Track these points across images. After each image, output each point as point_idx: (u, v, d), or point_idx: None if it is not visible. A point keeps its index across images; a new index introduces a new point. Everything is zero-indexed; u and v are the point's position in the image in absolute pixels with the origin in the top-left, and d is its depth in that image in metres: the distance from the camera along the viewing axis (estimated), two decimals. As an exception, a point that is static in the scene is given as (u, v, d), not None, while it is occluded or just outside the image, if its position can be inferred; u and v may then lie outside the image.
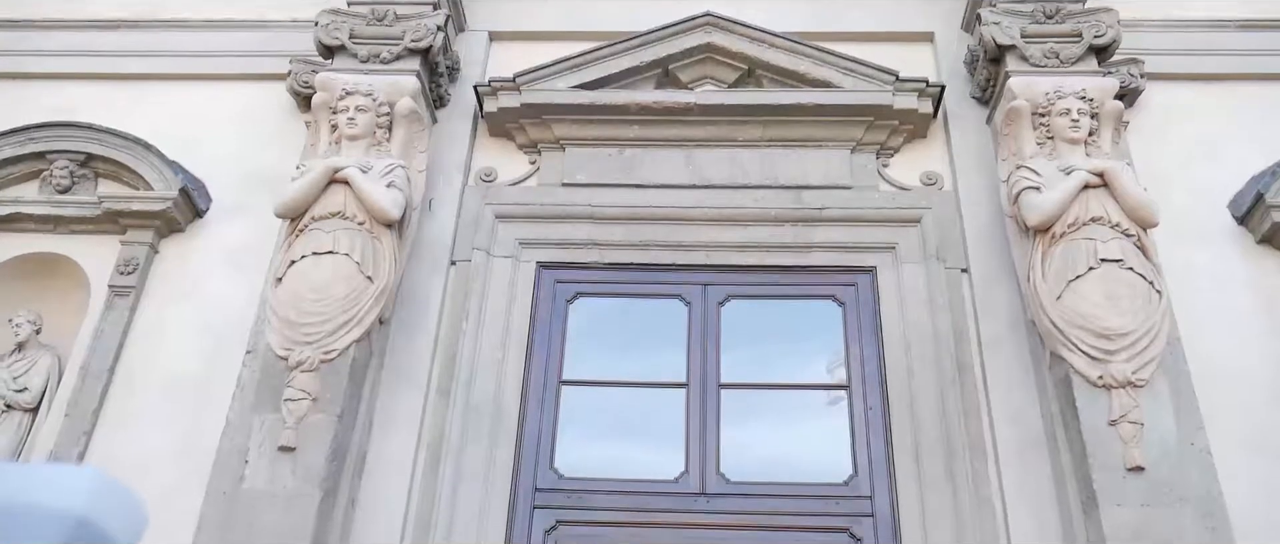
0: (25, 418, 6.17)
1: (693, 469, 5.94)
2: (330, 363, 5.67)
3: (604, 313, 6.71)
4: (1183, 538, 5.03)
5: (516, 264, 6.60)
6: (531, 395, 6.18)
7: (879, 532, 5.67)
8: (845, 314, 6.44)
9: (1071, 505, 5.34)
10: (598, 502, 5.86)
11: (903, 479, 5.72)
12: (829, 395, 6.45)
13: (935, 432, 5.80)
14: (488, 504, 5.72)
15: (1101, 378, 5.38)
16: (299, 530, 5.22)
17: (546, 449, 6.04)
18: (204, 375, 6.12)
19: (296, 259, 5.94)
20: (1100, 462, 5.21)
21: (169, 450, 5.84)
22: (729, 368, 6.31)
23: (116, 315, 6.34)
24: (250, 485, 5.40)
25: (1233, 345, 5.96)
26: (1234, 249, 6.35)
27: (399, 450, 5.82)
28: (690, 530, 5.74)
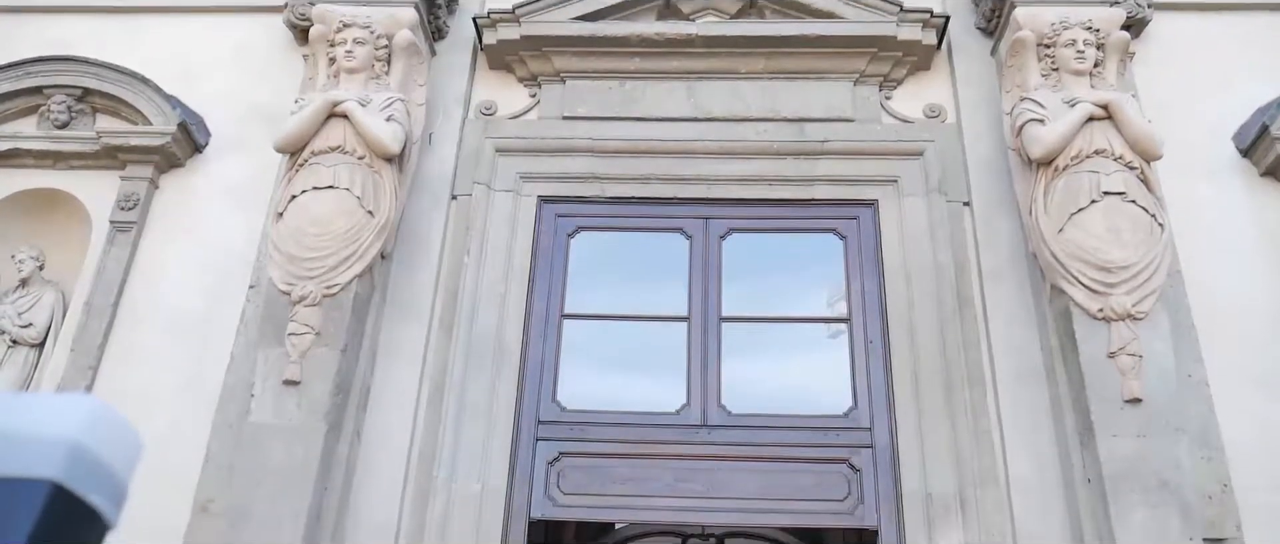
0: (31, 353, 6.21)
1: (694, 401, 6.00)
2: (333, 297, 5.69)
3: (605, 247, 6.71)
4: (1178, 468, 5.09)
5: (517, 198, 6.59)
6: (533, 329, 6.22)
7: (878, 462, 5.74)
8: (846, 248, 6.44)
9: (1068, 436, 5.40)
10: (600, 434, 5.92)
11: (902, 411, 5.78)
12: (829, 328, 6.49)
13: (935, 364, 5.84)
14: (491, 436, 5.79)
15: (1101, 311, 5.40)
16: (305, 463, 5.29)
17: (549, 382, 6.09)
18: (207, 310, 6.15)
19: (297, 194, 5.93)
20: (1098, 393, 5.26)
21: (174, 384, 5.89)
22: (730, 301, 6.33)
23: (118, 251, 6.35)
24: (256, 419, 5.45)
25: (1234, 278, 5.97)
26: (1237, 182, 6.33)
27: (402, 384, 5.87)
28: (692, 462, 5.81)
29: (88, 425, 0.49)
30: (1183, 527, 4.95)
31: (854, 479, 5.74)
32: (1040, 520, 5.35)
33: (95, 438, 0.49)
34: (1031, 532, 5.32)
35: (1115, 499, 5.01)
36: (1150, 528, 4.94)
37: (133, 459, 0.51)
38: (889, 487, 5.65)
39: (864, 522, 5.69)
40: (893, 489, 5.63)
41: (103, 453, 0.49)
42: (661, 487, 5.78)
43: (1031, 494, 5.41)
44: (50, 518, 0.46)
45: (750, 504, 5.79)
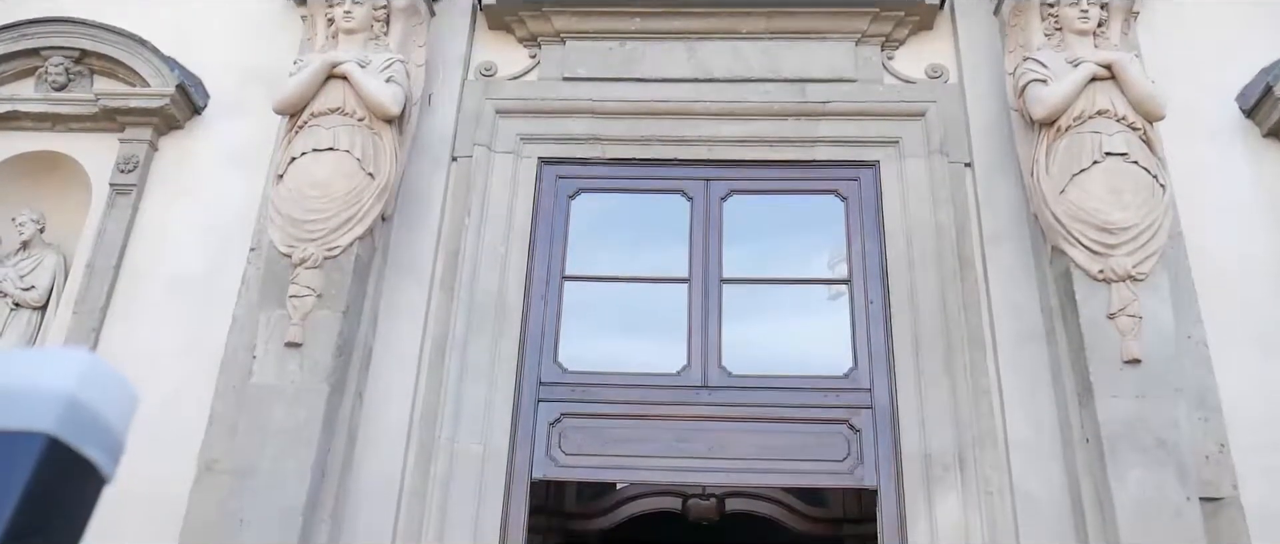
0: (34, 315, 6.23)
1: (695, 363, 6.02)
2: (334, 259, 5.70)
3: (606, 208, 6.70)
4: (1176, 429, 5.12)
5: (518, 160, 6.58)
6: (534, 291, 6.23)
7: (877, 423, 5.78)
8: (847, 209, 6.43)
9: (1067, 397, 5.43)
10: (601, 394, 5.96)
11: (902, 372, 5.80)
12: (830, 290, 6.50)
13: (935, 325, 5.86)
14: (493, 397, 5.82)
15: (1102, 272, 5.41)
16: (308, 424, 5.33)
17: (550, 343, 6.11)
18: (208, 272, 6.16)
19: (297, 156, 5.92)
20: (1097, 354, 5.28)
21: (176, 347, 5.92)
22: (731, 263, 6.34)
23: (119, 213, 6.35)
24: (258, 381, 5.48)
25: (1234, 239, 5.97)
26: (1240, 143, 6.31)
27: (404, 345, 5.90)
28: (692, 422, 5.85)
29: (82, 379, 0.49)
30: (1179, 486, 4.99)
31: (854, 439, 5.78)
32: (1038, 480, 5.39)
33: (90, 391, 0.49)
34: (1029, 491, 5.36)
35: (1113, 459, 5.04)
36: (1147, 487, 4.98)
37: (128, 413, 0.52)
38: (888, 447, 5.69)
39: (863, 482, 5.74)
40: (892, 449, 5.67)
41: (98, 406, 0.49)
42: (662, 447, 5.82)
43: (1030, 454, 5.45)
44: (46, 471, 0.46)
45: (750, 465, 5.83)
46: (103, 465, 0.50)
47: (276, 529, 5.07)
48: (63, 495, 0.47)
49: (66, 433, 0.48)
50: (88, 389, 0.49)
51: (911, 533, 5.40)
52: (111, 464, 0.50)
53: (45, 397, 0.47)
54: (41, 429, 0.47)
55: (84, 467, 0.49)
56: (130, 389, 0.52)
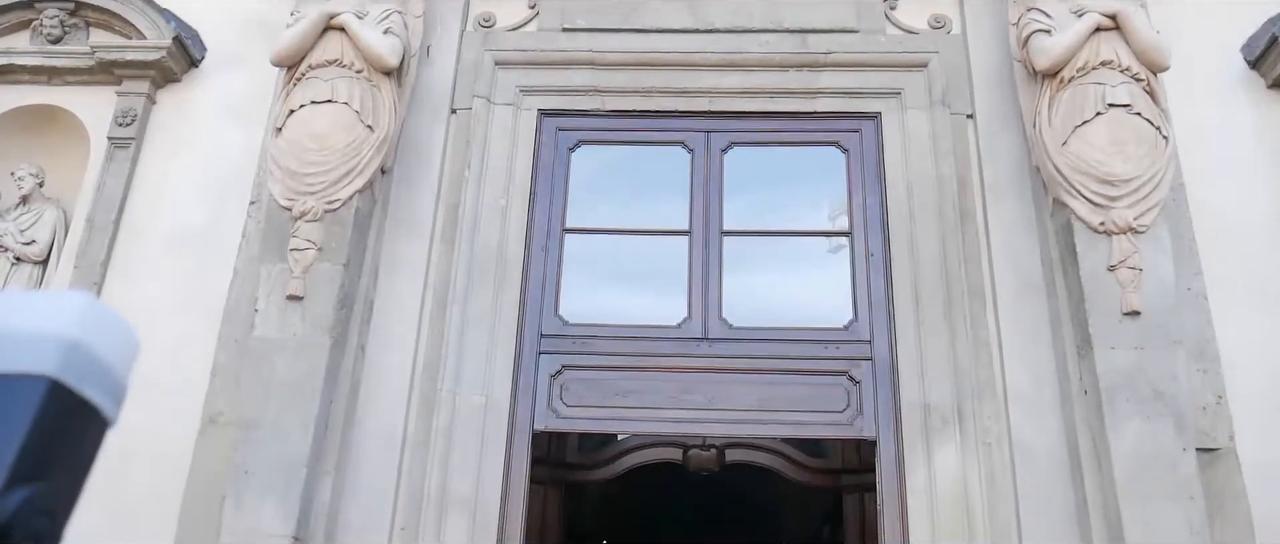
0: (35, 270, 6.24)
1: (695, 315, 6.04)
2: (334, 212, 5.69)
3: (606, 160, 6.68)
4: (1174, 380, 5.15)
5: (517, 112, 6.54)
6: (535, 243, 6.23)
7: (877, 375, 5.80)
8: (848, 161, 6.41)
9: (1067, 348, 5.45)
10: (602, 347, 5.98)
11: (902, 324, 5.82)
12: (831, 242, 6.50)
13: (935, 277, 5.87)
14: (494, 350, 5.85)
15: (1103, 224, 5.40)
16: (310, 376, 5.36)
17: (551, 296, 6.12)
18: (209, 226, 6.16)
19: (295, 108, 5.89)
20: (1097, 306, 5.29)
21: (178, 300, 5.93)
22: (731, 215, 6.33)
23: (118, 167, 6.33)
24: (261, 334, 5.51)
25: (1236, 191, 5.95)
26: (1244, 94, 6.26)
27: (405, 298, 5.91)
28: (693, 374, 5.88)
29: (82, 321, 0.49)
30: (1177, 437, 5.03)
31: (853, 391, 5.81)
32: (1037, 431, 5.43)
33: (90, 334, 0.49)
34: (1028, 442, 5.41)
35: (1111, 410, 5.08)
36: (1144, 438, 5.02)
37: (130, 356, 0.52)
38: (888, 398, 5.73)
39: (862, 433, 5.78)
40: (891, 401, 5.71)
41: (98, 349, 0.50)
42: (663, 399, 5.86)
43: (1028, 405, 5.49)
44: (48, 414, 0.46)
45: (750, 416, 5.87)
46: (105, 408, 0.49)
47: (281, 481, 5.13)
48: (66, 438, 0.47)
49: (68, 375, 0.48)
50: (88, 332, 0.49)
51: (910, 483, 5.45)
52: (114, 407, 0.50)
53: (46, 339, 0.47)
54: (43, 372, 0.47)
55: (86, 410, 0.49)
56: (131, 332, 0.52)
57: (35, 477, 0.45)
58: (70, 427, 0.48)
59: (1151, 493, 4.91)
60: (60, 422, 0.47)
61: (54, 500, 0.46)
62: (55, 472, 0.46)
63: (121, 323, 0.51)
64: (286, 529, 5.04)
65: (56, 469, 0.46)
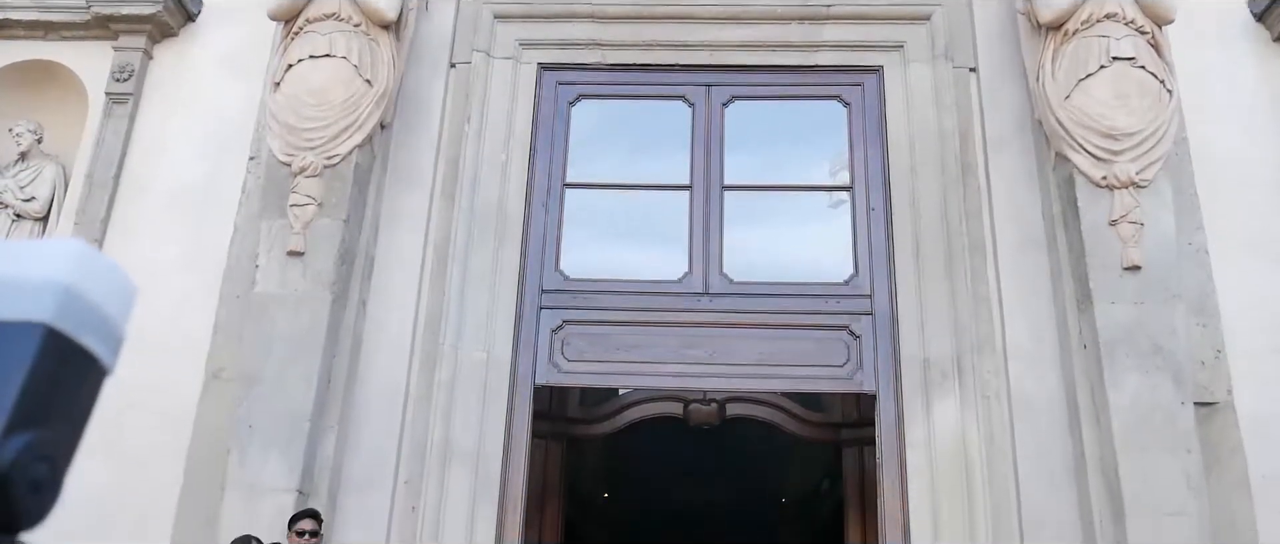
0: (35, 227, 6.24)
1: (696, 269, 6.04)
2: (334, 168, 5.67)
3: (607, 115, 6.65)
4: (1173, 335, 5.16)
5: (517, 66, 6.49)
6: (536, 198, 6.22)
7: (877, 329, 5.82)
8: (850, 115, 6.38)
9: (1067, 303, 5.46)
10: (603, 302, 6.00)
11: (902, 278, 5.83)
12: (832, 197, 6.49)
13: (936, 232, 5.86)
14: (495, 304, 5.86)
15: (1105, 178, 5.39)
16: (312, 331, 5.38)
17: (552, 251, 6.13)
18: (208, 182, 6.15)
19: (293, 63, 5.85)
20: (1098, 260, 5.29)
21: (179, 256, 5.93)
22: (732, 169, 6.31)
23: (116, 124, 6.30)
24: (262, 289, 5.52)
25: (1239, 145, 5.92)
26: (1248, 47, 6.21)
27: (406, 253, 5.91)
28: (694, 329, 5.90)
29: (77, 269, 0.49)
30: (1175, 391, 5.05)
31: (853, 345, 5.83)
32: (1035, 385, 5.45)
33: (86, 281, 0.49)
34: (1026, 395, 5.43)
35: (1110, 364, 5.10)
36: (1142, 392, 5.04)
37: (127, 303, 0.52)
38: (888, 353, 5.75)
39: (862, 387, 5.81)
40: (891, 355, 5.73)
41: (94, 296, 0.50)
42: (664, 353, 5.88)
43: (1028, 359, 5.51)
44: (46, 360, 0.46)
45: (751, 370, 5.90)
46: (102, 356, 0.50)
47: (284, 435, 5.16)
48: (64, 385, 0.47)
49: (64, 323, 0.48)
50: (84, 279, 0.49)
51: (909, 437, 5.49)
52: (112, 355, 0.50)
53: (42, 287, 0.47)
54: (39, 319, 0.47)
55: (84, 357, 0.49)
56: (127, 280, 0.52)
57: (34, 424, 0.45)
58: (68, 374, 0.48)
59: (1149, 446, 4.94)
60: (57, 369, 0.47)
61: (53, 447, 0.46)
62: (54, 419, 0.46)
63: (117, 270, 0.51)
64: (290, 482, 5.09)
65: (55, 416, 0.47)
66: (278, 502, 5.03)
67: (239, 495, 5.06)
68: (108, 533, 5.13)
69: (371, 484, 5.41)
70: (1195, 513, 4.83)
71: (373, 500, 5.37)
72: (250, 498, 5.04)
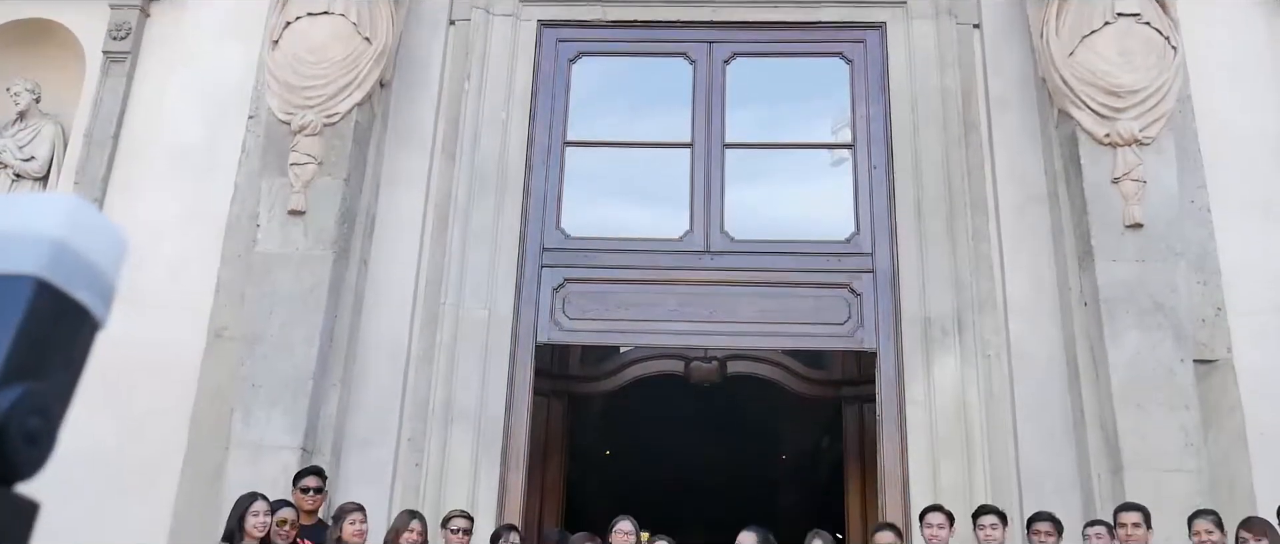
0: (35, 186, 6.22)
1: (697, 228, 6.04)
2: (333, 126, 5.65)
3: (607, 72, 6.61)
4: (1174, 292, 5.17)
5: (517, 23, 6.44)
6: (536, 156, 6.20)
7: (878, 287, 5.83)
8: (852, 72, 6.34)
9: (1068, 260, 5.46)
10: (604, 260, 6.00)
11: (903, 236, 5.82)
12: (833, 155, 6.47)
13: (938, 189, 5.85)
14: (497, 263, 5.86)
15: (1108, 136, 5.36)
16: (314, 290, 5.39)
17: (552, 209, 6.12)
18: (208, 141, 6.12)
19: (292, 20, 5.80)
20: (1100, 218, 5.28)
21: (180, 215, 5.92)
22: (734, 127, 6.28)
23: (114, 82, 6.26)
24: (263, 249, 5.52)
25: (1244, 102, 5.88)
26: (1256, 3, 6.15)
27: (407, 211, 5.91)
28: (695, 287, 5.91)
29: (69, 223, 0.49)
30: (1175, 348, 5.07)
31: (854, 303, 5.84)
32: (1035, 342, 5.47)
33: (77, 235, 0.50)
34: (1026, 352, 5.45)
35: (1110, 321, 5.11)
36: (1142, 350, 5.06)
37: (118, 257, 0.52)
38: (888, 310, 5.76)
39: (863, 344, 5.83)
40: (892, 313, 5.74)
41: (86, 249, 0.50)
42: (665, 312, 5.90)
43: (1028, 317, 5.52)
44: (38, 313, 0.47)
45: (752, 328, 5.92)
46: (95, 309, 0.50)
47: (288, 393, 5.19)
48: (56, 338, 0.48)
49: (56, 276, 0.48)
50: (76, 233, 0.49)
51: (909, 394, 5.51)
52: (104, 309, 0.51)
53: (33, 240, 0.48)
54: (31, 272, 0.47)
55: (76, 310, 0.49)
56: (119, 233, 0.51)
57: (27, 376, 0.46)
58: (60, 327, 0.48)
59: (1148, 403, 4.97)
60: (50, 322, 0.48)
61: (47, 399, 0.47)
62: (48, 372, 0.47)
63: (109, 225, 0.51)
64: (294, 440, 5.12)
65: (49, 369, 0.47)
66: (282, 459, 5.07)
67: (244, 453, 5.10)
68: (118, 491, 5.19)
69: (375, 441, 5.45)
70: (1193, 469, 4.87)
71: (376, 457, 5.41)
72: (255, 456, 5.08)
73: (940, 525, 4.62)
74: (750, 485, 10.77)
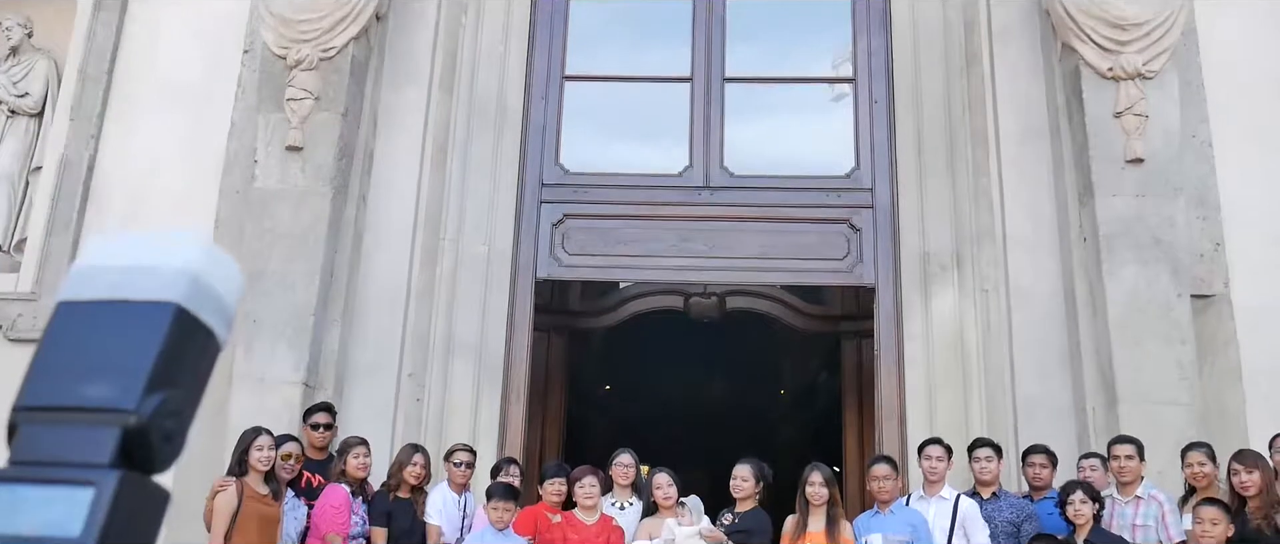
0: (30, 123, 6.17)
1: (697, 163, 6.02)
2: (330, 60, 5.60)
3: (606, 6, 6.53)
4: (1173, 227, 5.17)
5: (514, -45, 6.35)
6: (535, 91, 6.15)
7: (878, 222, 5.83)
8: (854, 5, 6.26)
9: (1068, 195, 5.45)
10: (603, 196, 5.99)
11: (903, 171, 5.81)
12: (834, 89, 6.42)
13: (939, 124, 5.82)
14: (496, 198, 5.85)
15: (1111, 69, 5.32)
16: (313, 226, 5.39)
17: (552, 145, 6.09)
18: (203, 76, 6.06)
19: (286, -48, 5.71)
20: (1101, 152, 5.26)
21: (177, 152, 5.89)
22: (734, 61, 6.23)
23: (107, 16, 6.18)
24: (262, 185, 5.50)
25: (1249, 36, 5.81)
26: (1264, -70, 6.05)
27: (405, 147, 5.88)
28: (694, 223, 5.91)
29: (201, 259, 0.60)
30: (1172, 283, 5.09)
31: (854, 238, 5.84)
32: (1034, 276, 5.48)
33: (207, 269, 0.61)
34: (1024, 287, 5.47)
35: (1109, 256, 5.12)
36: (1140, 284, 5.08)
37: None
38: (888, 245, 5.77)
39: (862, 280, 5.85)
40: (891, 248, 5.75)
41: (213, 280, 0.61)
42: (665, 247, 5.90)
43: (1027, 251, 5.53)
44: (176, 334, 0.58)
45: (751, 263, 5.93)
46: (218, 332, 0.61)
47: (289, 329, 5.22)
48: (189, 355, 0.59)
49: (191, 303, 0.59)
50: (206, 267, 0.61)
51: (907, 329, 5.55)
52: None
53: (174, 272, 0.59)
54: (173, 299, 0.58)
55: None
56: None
57: (166, 385, 0.56)
58: (192, 346, 0.59)
59: (1144, 337, 5.00)
60: (185, 341, 0.58)
61: (180, 405, 0.57)
62: (180, 382, 0.58)
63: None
64: (297, 376, 5.16)
65: (181, 380, 0.58)
66: (285, 394, 5.11)
67: (247, 388, 5.14)
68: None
69: (376, 376, 5.49)
70: (1186, 402, 4.91)
71: (378, 391, 5.45)
72: (258, 390, 5.12)
73: (939, 458, 4.67)
74: (749, 419, 10.88)
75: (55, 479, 0.53)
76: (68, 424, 0.55)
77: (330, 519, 4.52)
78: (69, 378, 0.56)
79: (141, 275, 0.59)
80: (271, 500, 4.44)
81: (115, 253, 0.61)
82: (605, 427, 10.05)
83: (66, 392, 0.55)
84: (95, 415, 0.55)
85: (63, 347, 0.57)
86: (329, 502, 4.57)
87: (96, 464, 0.53)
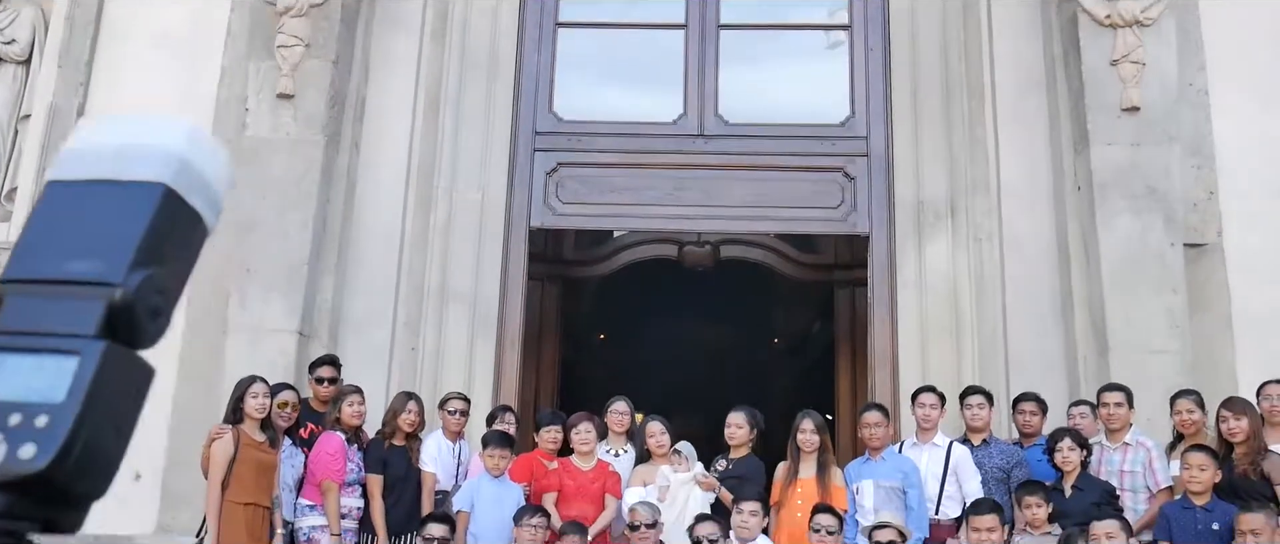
0: (19, 70, 6.11)
1: (691, 111, 5.98)
2: (320, 7, 5.53)
3: (600, -49, 6.45)
4: (1167, 176, 5.17)
5: (506, -101, 6.25)
6: (528, 38, 6.09)
7: (872, 171, 5.81)
8: (851, -49, 6.19)
9: (1063, 144, 5.43)
10: (597, 144, 5.96)
11: (899, 120, 5.78)
12: (829, 37, 6.37)
13: (935, 72, 5.78)
14: (489, 146, 5.82)
15: (1109, 17, 5.28)
16: (306, 175, 5.36)
17: (545, 93, 6.05)
18: (192, 23, 5.98)
19: (273, -105, 5.62)
20: (1097, 101, 5.24)
21: (167, 100, 5.83)
22: (729, 8, 6.16)
23: (93, -41, 6.09)
24: (253, 133, 5.47)
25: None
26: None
27: (397, 94, 5.83)
28: (688, 171, 5.89)
29: (189, 142, 0.61)
30: (1165, 232, 5.10)
31: (848, 187, 5.84)
32: (1027, 225, 5.49)
33: (195, 153, 0.62)
34: (1018, 236, 5.47)
35: (1103, 205, 5.12)
36: (1133, 233, 5.09)
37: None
38: (882, 194, 5.76)
39: (856, 228, 5.85)
40: (886, 197, 5.74)
41: (202, 166, 0.62)
42: (659, 196, 5.89)
43: (1021, 201, 5.53)
44: (164, 214, 0.59)
45: (745, 212, 5.93)
46: (206, 216, 0.62)
47: (283, 278, 5.21)
48: (175, 236, 0.60)
49: (179, 185, 0.60)
50: (195, 151, 0.61)
51: (900, 277, 5.56)
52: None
53: (163, 154, 0.60)
54: (161, 180, 0.59)
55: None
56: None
57: (153, 262, 0.57)
58: (179, 228, 0.60)
59: (1136, 286, 5.02)
60: (172, 222, 0.59)
61: (166, 283, 0.58)
62: (167, 261, 0.59)
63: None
64: (291, 324, 5.17)
65: (168, 259, 0.59)
66: (280, 343, 5.12)
67: (242, 337, 5.15)
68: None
69: (371, 324, 5.50)
70: (1177, 350, 4.95)
71: (373, 340, 5.47)
72: (253, 339, 5.14)
73: (933, 405, 4.72)
74: (742, 368, 10.94)
75: (40, 348, 0.54)
76: (54, 297, 0.56)
77: (326, 466, 4.56)
78: (56, 253, 0.57)
79: (131, 157, 0.59)
80: (268, 448, 4.47)
81: (106, 135, 0.62)
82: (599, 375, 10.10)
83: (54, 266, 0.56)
84: (82, 288, 0.56)
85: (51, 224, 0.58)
86: (324, 449, 4.60)
87: (82, 335, 0.54)
